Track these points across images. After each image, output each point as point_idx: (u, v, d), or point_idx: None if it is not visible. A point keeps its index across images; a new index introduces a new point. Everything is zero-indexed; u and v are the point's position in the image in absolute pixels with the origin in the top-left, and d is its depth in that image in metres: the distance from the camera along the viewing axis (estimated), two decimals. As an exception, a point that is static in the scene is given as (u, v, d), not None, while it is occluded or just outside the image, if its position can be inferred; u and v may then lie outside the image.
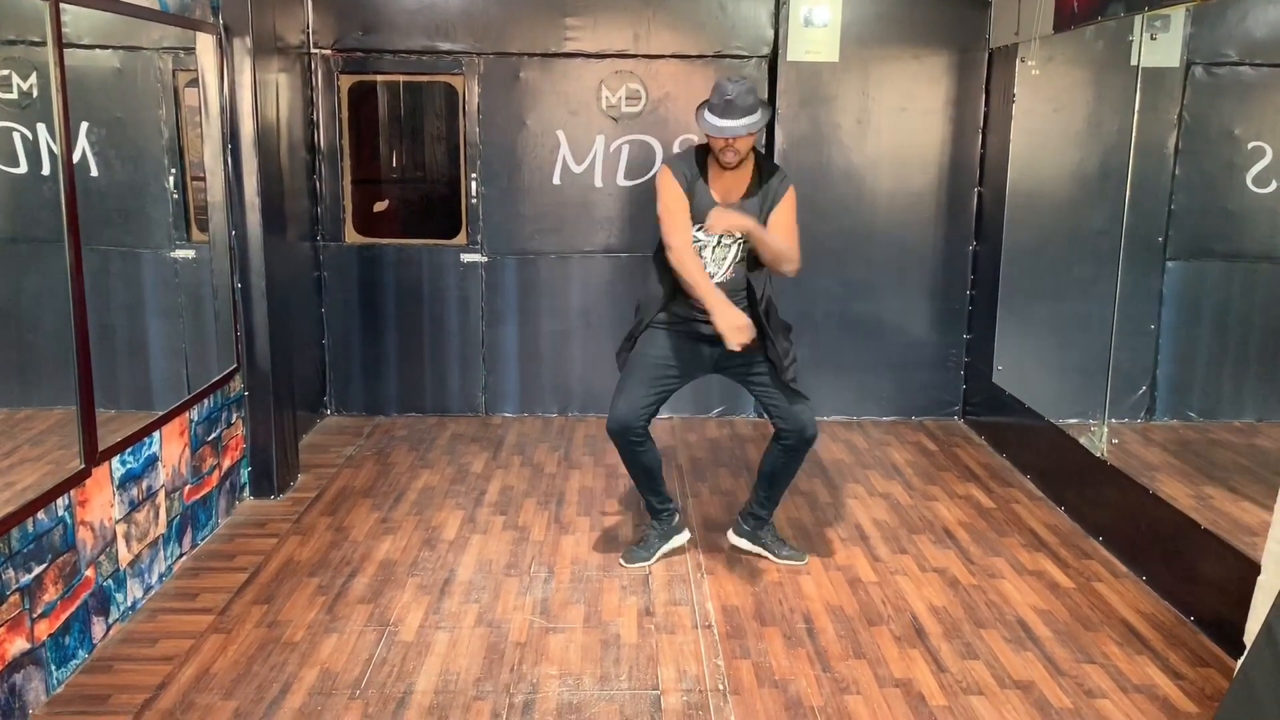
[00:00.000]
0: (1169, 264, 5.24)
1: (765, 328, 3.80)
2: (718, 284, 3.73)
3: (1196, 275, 5.28)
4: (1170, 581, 3.79)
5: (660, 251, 3.83)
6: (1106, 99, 4.94)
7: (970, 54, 5.66)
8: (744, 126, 3.57)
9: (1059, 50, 4.99)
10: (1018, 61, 5.21)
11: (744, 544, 4.18)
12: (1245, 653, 2.71)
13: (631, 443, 3.86)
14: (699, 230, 3.72)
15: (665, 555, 4.12)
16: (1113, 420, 4.48)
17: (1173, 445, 5.05)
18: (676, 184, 3.74)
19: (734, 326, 3.56)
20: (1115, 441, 4.38)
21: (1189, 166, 5.11)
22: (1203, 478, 4.62)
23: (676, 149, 5.71)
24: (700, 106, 3.66)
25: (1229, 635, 3.31)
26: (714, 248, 3.76)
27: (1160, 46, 4.69)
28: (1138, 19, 4.19)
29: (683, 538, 4.19)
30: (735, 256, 3.79)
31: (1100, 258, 4.54)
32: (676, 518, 4.16)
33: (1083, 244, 5.00)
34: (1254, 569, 3.00)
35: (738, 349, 3.58)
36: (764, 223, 3.74)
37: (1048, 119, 5.24)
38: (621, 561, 4.08)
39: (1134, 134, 4.30)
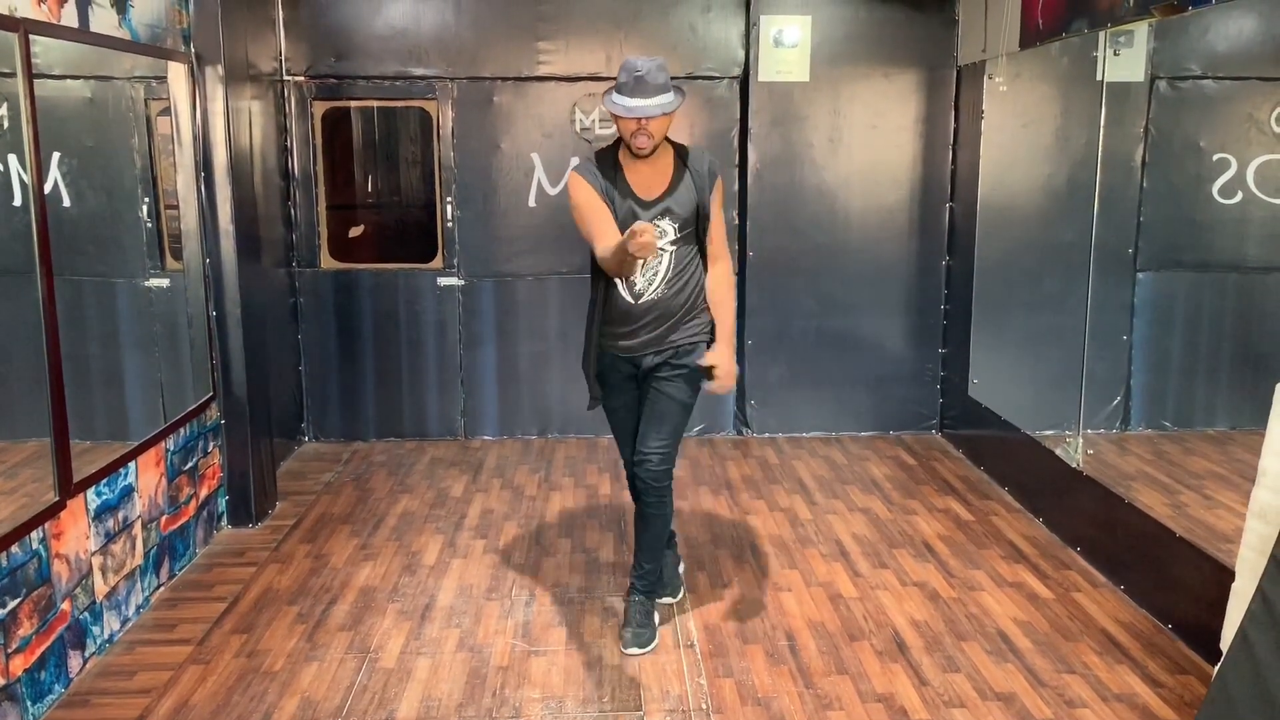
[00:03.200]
0: (1140, 275, 5.31)
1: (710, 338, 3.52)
2: (649, 302, 3.39)
3: (1167, 286, 5.35)
4: (1148, 590, 3.82)
5: (596, 277, 3.47)
6: (1073, 114, 5.01)
7: (939, 71, 5.73)
8: (658, 106, 3.18)
9: (1026, 67, 5.06)
10: (985, 78, 5.28)
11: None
12: (1222, 659, 2.73)
13: (656, 480, 3.52)
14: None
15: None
16: (1088, 431, 4.51)
17: (1148, 454, 5.10)
18: (590, 186, 3.34)
19: (645, 244, 2.92)
20: (1091, 452, 4.42)
21: (1156, 179, 5.19)
22: (1178, 486, 4.66)
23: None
24: (607, 91, 3.27)
25: (1207, 642, 3.34)
26: (642, 264, 3.35)
27: (1124, 61, 4.77)
28: (1102, 35, 4.25)
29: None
30: (668, 267, 3.39)
31: (1072, 270, 4.59)
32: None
33: (1054, 257, 5.06)
34: (1229, 576, 3.03)
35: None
36: (695, 215, 3.39)
37: (1016, 134, 5.31)
38: (634, 650, 3.57)
39: (1101, 148, 4.36)
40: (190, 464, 4.33)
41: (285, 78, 5.61)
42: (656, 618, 3.69)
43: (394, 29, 5.63)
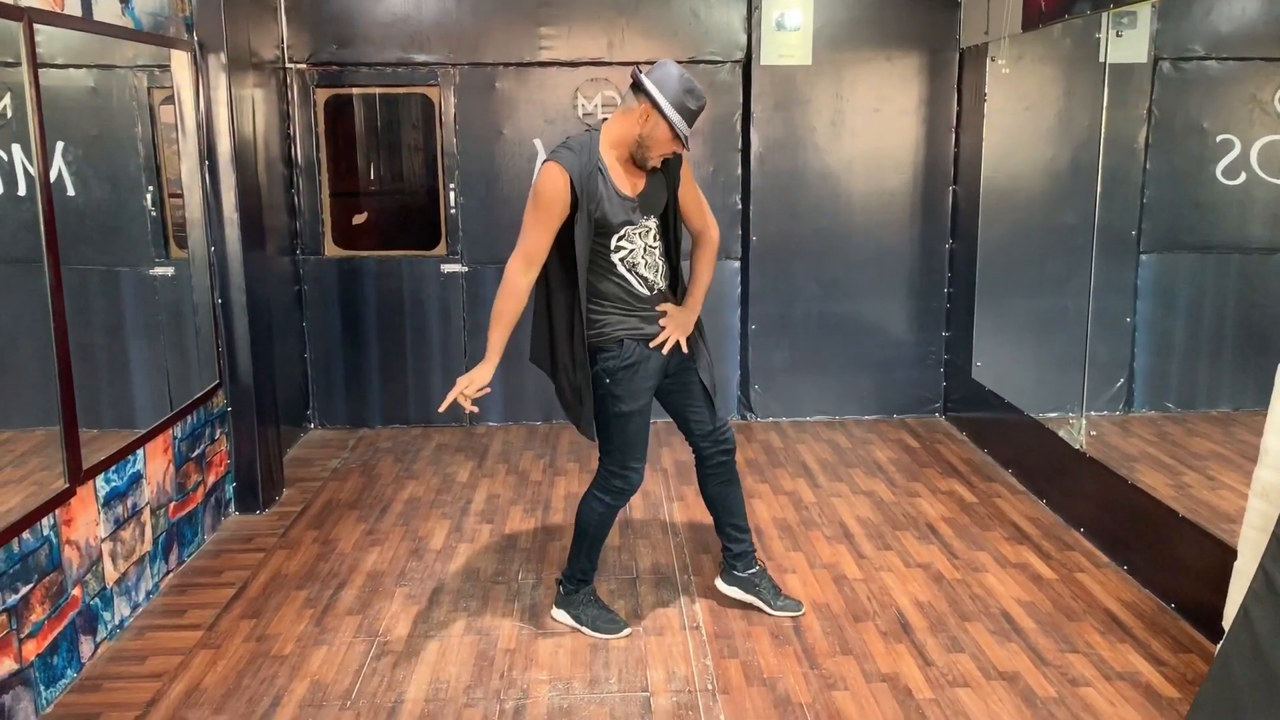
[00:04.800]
0: (1143, 257, 5.31)
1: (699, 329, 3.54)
2: (660, 291, 3.40)
3: (1170, 267, 5.36)
4: (1151, 570, 3.84)
5: (567, 278, 3.32)
6: (1076, 95, 5.01)
7: (941, 54, 5.72)
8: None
9: (1028, 49, 5.06)
10: (988, 60, 5.27)
11: (736, 593, 3.71)
12: (1224, 637, 2.75)
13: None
14: (620, 239, 3.28)
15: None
16: (1091, 413, 4.53)
17: (1150, 436, 5.11)
18: (567, 199, 3.17)
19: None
20: (1094, 434, 4.44)
21: (1159, 160, 5.18)
22: (1181, 467, 4.68)
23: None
24: (665, 103, 3.15)
25: (1209, 621, 3.36)
26: (644, 254, 3.36)
27: (1127, 43, 4.77)
28: (1104, 16, 4.25)
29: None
30: (662, 256, 3.43)
31: (1075, 252, 4.59)
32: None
33: (1057, 239, 5.06)
34: (1232, 555, 3.05)
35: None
36: (672, 198, 3.38)
37: (1019, 117, 5.30)
38: (612, 634, 3.58)
39: (1104, 129, 4.36)
40: (198, 451, 4.35)
41: (288, 65, 5.61)
42: None
43: (396, 15, 5.62)
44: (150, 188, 4.39)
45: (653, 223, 3.37)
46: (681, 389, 3.50)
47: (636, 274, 3.35)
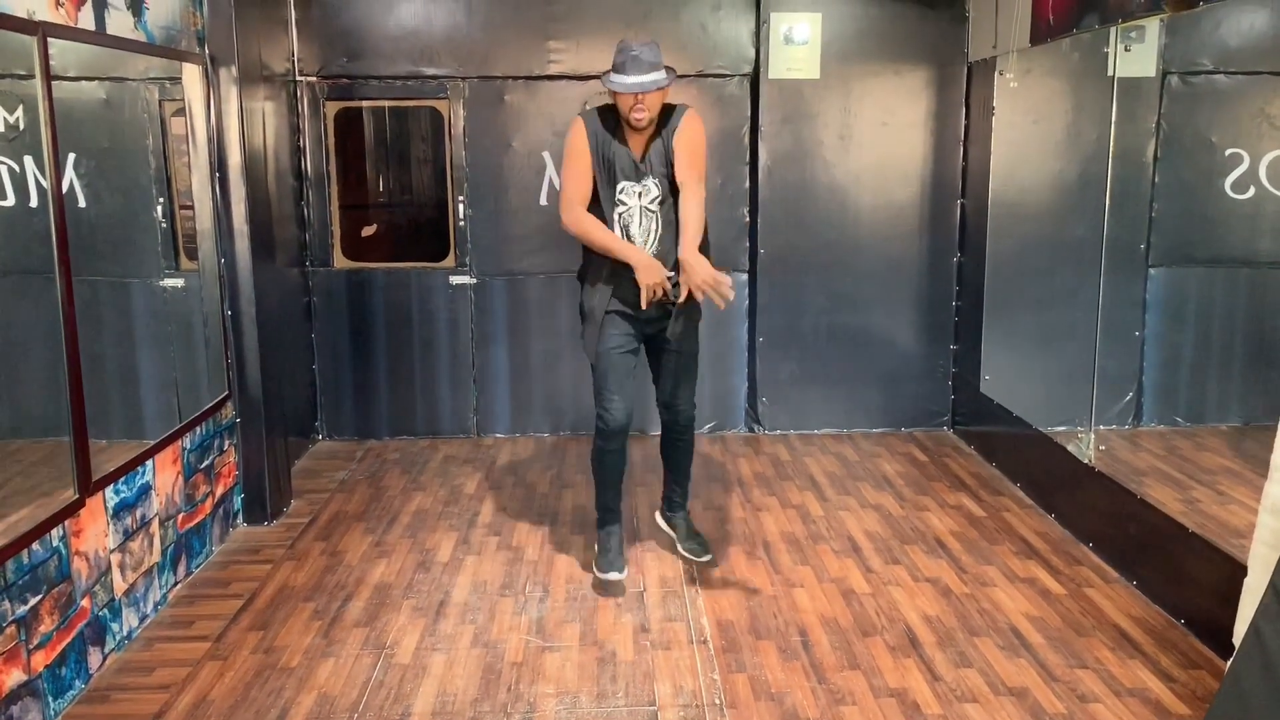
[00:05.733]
0: (1151, 271, 5.30)
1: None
2: (651, 255, 3.71)
3: (1179, 281, 5.34)
4: (1160, 585, 3.82)
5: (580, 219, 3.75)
6: (1085, 109, 5.00)
7: (949, 68, 5.73)
8: (652, 82, 3.54)
9: (1036, 63, 5.06)
10: (996, 74, 5.28)
11: (662, 524, 4.37)
12: (1234, 653, 2.74)
13: (623, 441, 3.96)
14: (620, 192, 3.72)
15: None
16: (1100, 427, 4.51)
17: (1160, 450, 5.09)
18: (585, 143, 3.70)
19: (653, 282, 3.61)
20: (1103, 448, 4.42)
21: (1168, 174, 5.17)
22: (1190, 481, 4.66)
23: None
24: (605, 73, 3.62)
25: (1219, 637, 3.35)
26: (640, 217, 3.73)
27: (1136, 57, 4.76)
28: (1113, 30, 4.25)
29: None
30: (659, 227, 3.75)
31: (1083, 266, 4.59)
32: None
33: (1066, 253, 5.06)
34: (1242, 570, 3.04)
35: (648, 302, 3.66)
36: (670, 154, 3.69)
37: (1027, 130, 5.30)
38: (600, 572, 3.99)
39: (1112, 143, 4.36)
40: (206, 462, 4.37)
41: (298, 78, 5.65)
42: None
43: (405, 29, 5.65)
44: (161, 199, 4.40)
45: (654, 187, 3.72)
46: (663, 359, 3.96)
47: (627, 234, 3.74)
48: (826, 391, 6.01)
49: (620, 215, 3.74)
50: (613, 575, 3.94)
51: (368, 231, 6.22)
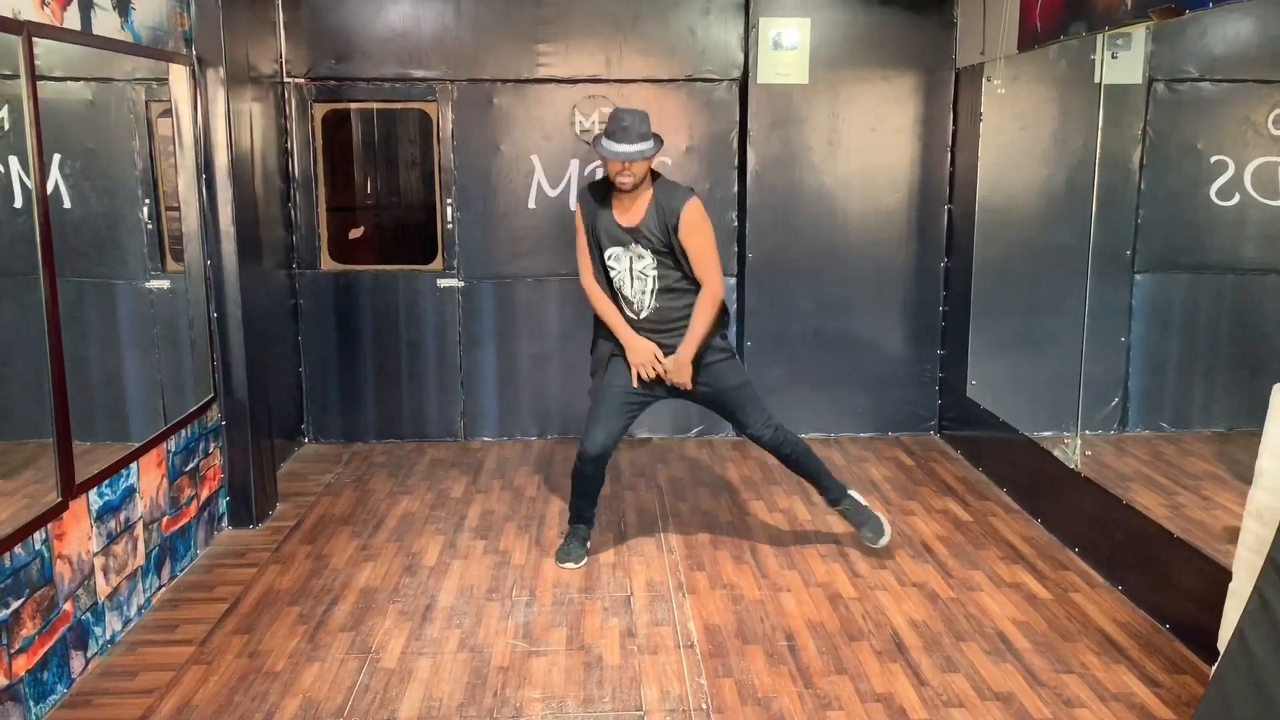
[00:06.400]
0: (1137, 277, 5.33)
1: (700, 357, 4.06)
2: (647, 318, 4.03)
3: (1165, 288, 5.37)
4: (1146, 591, 3.83)
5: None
6: (1071, 116, 5.03)
7: (937, 74, 5.74)
8: (638, 152, 3.82)
9: (1024, 69, 5.08)
10: (984, 81, 5.30)
11: (835, 517, 4.51)
12: (1219, 658, 2.75)
13: (599, 467, 4.17)
14: (610, 258, 4.03)
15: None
16: (1086, 432, 4.53)
17: (1145, 455, 5.12)
18: (580, 218, 4.10)
19: (639, 363, 4.02)
20: (1089, 453, 4.44)
21: (1154, 181, 5.21)
22: (1176, 487, 4.68)
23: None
24: (597, 136, 3.92)
25: (1204, 642, 3.36)
26: (631, 281, 4.02)
27: (1122, 64, 4.79)
28: (1100, 37, 4.27)
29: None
30: (652, 289, 4.02)
31: (1070, 272, 4.61)
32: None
33: (1052, 259, 5.08)
34: (1227, 576, 3.05)
35: (637, 380, 4.05)
36: (667, 242, 3.94)
37: (1015, 137, 5.33)
38: (558, 560, 4.29)
39: (1099, 150, 4.38)
40: (191, 465, 4.34)
41: (286, 80, 5.63)
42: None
43: (394, 31, 5.64)
44: (147, 201, 4.39)
45: (646, 254, 3.96)
46: (713, 403, 4.22)
47: (621, 294, 4.05)
48: (814, 396, 6.01)
49: (614, 277, 4.05)
50: (568, 565, 4.27)
51: (355, 234, 6.20)
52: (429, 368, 5.97)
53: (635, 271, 4.00)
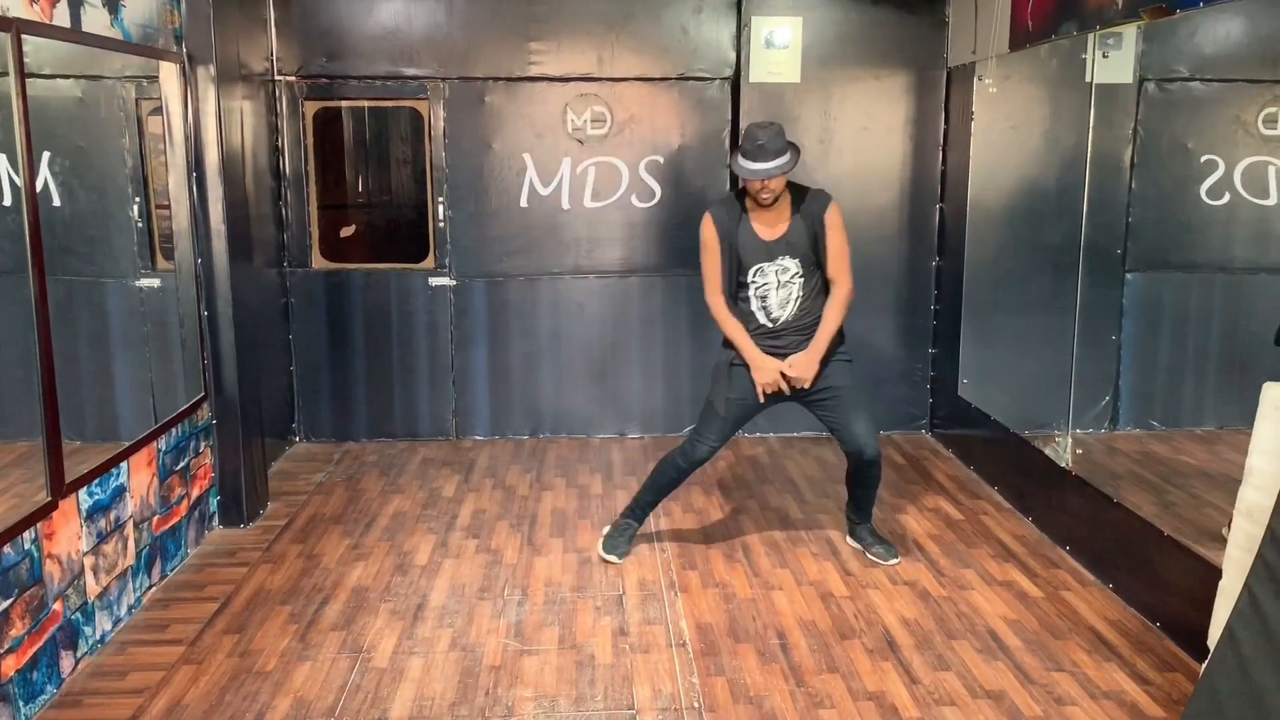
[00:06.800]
0: (1128, 276, 5.34)
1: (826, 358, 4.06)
2: (786, 322, 4.03)
3: (1155, 286, 5.39)
4: (1136, 589, 3.84)
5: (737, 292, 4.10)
6: (1063, 115, 5.04)
7: (929, 73, 5.75)
8: (776, 168, 3.83)
9: (1015, 69, 5.09)
10: (975, 80, 5.30)
11: (850, 542, 4.46)
12: (1209, 656, 2.76)
13: (687, 473, 4.22)
14: (755, 273, 4.01)
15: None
16: (1077, 431, 4.54)
17: (1136, 454, 5.13)
18: (715, 237, 4.02)
19: (766, 382, 4.00)
20: (1080, 452, 4.45)
21: (1145, 180, 5.22)
22: (1166, 485, 4.69)
23: (642, 171, 5.77)
24: (733, 151, 3.96)
25: (1194, 640, 3.36)
26: (777, 289, 4.02)
27: (1113, 64, 4.80)
28: (1091, 37, 4.28)
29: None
30: (798, 295, 4.02)
31: (1061, 271, 4.62)
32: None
33: (1043, 257, 5.09)
34: (1217, 574, 3.06)
35: (763, 395, 4.03)
36: (813, 247, 3.99)
37: (1006, 136, 5.34)
38: (603, 552, 4.32)
39: (1090, 149, 4.39)
40: (182, 464, 4.33)
41: (277, 78, 5.61)
42: None
43: (385, 29, 5.63)
44: (137, 199, 4.37)
45: (793, 264, 3.99)
46: (827, 405, 4.15)
47: (764, 305, 4.04)
48: (806, 394, 6.01)
49: (756, 290, 4.03)
50: (612, 559, 4.29)
51: (346, 232, 6.19)
52: (421, 366, 5.96)
53: (781, 281, 4.01)
